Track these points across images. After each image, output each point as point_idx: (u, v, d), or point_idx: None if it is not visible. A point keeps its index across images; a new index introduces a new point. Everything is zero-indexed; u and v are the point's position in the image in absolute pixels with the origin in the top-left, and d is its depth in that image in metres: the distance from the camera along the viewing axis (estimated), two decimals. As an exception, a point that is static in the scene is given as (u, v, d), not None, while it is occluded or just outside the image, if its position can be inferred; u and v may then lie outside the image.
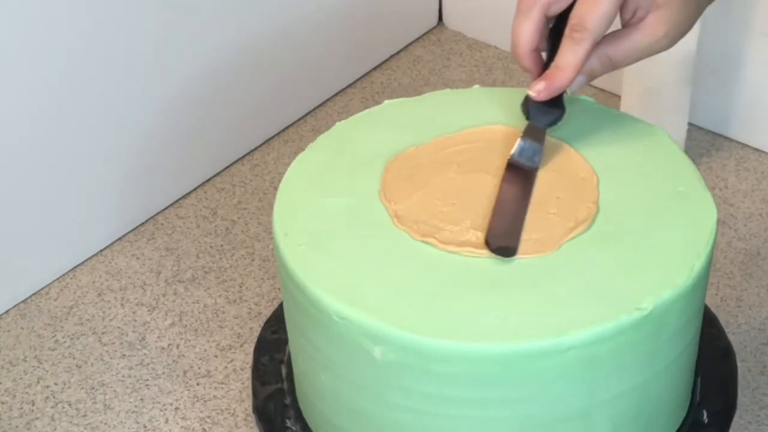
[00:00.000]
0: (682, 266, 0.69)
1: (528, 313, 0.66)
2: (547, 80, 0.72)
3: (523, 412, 0.68)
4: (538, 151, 0.74)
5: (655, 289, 0.67)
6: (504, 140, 0.78)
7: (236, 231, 1.12)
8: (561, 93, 0.73)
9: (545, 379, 0.66)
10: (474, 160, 0.77)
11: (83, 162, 1.05)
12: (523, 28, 0.72)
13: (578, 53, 0.70)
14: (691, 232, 0.71)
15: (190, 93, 1.12)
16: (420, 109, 0.83)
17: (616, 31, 0.72)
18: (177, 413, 0.94)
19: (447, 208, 0.73)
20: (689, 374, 0.76)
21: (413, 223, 0.72)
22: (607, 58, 0.72)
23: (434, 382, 0.67)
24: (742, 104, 1.17)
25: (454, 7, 1.37)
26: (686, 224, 0.72)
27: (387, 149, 0.79)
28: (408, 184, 0.75)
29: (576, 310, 0.66)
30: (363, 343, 0.67)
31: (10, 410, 0.95)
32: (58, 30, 0.98)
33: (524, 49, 0.73)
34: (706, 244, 0.70)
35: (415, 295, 0.68)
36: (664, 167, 0.76)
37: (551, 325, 0.65)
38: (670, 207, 0.73)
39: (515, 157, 0.75)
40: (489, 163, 0.76)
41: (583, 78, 0.72)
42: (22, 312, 1.04)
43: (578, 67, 0.70)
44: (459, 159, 0.77)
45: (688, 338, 0.72)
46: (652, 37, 0.71)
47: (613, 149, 0.77)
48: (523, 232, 0.71)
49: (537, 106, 0.74)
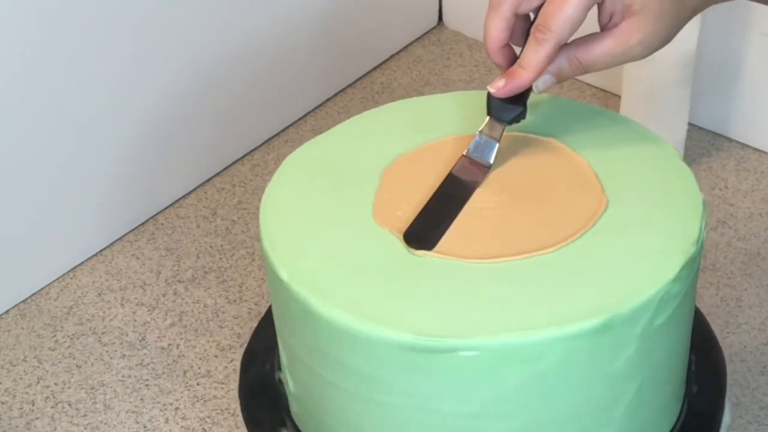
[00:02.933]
0: (669, 262, 0.69)
1: (531, 306, 0.67)
2: (508, 78, 0.71)
3: (523, 409, 0.68)
4: (492, 148, 0.74)
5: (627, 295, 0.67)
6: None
7: (236, 231, 1.12)
8: (525, 91, 0.72)
9: (538, 375, 0.67)
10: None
11: (83, 162, 1.05)
12: (493, 23, 0.72)
13: (540, 53, 0.69)
14: (680, 232, 0.71)
15: (191, 93, 1.12)
16: (412, 113, 0.83)
17: (589, 35, 0.71)
18: (177, 413, 0.94)
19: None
20: (681, 374, 0.77)
21: (396, 223, 0.72)
22: (578, 60, 0.71)
23: (428, 379, 0.67)
24: (742, 104, 1.17)
25: (454, 7, 1.37)
26: (674, 224, 0.72)
27: (380, 152, 0.79)
28: (397, 189, 0.76)
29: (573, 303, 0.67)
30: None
31: (10, 410, 0.95)
32: (58, 30, 0.98)
33: (493, 45, 0.72)
34: (693, 242, 0.70)
35: (408, 295, 0.68)
36: (664, 176, 0.76)
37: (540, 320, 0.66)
38: (660, 210, 0.73)
39: (470, 152, 0.75)
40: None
41: (551, 78, 0.72)
42: (22, 312, 1.04)
43: (540, 66, 0.70)
44: (449, 165, 0.77)
45: (675, 341, 0.72)
46: (624, 44, 0.70)
47: (611, 151, 0.78)
48: (522, 232, 0.71)
49: (499, 103, 0.74)
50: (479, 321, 0.66)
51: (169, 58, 1.08)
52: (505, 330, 0.65)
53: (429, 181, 0.75)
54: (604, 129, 0.80)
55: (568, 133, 0.79)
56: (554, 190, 0.74)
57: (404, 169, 0.77)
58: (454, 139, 0.79)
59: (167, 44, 1.08)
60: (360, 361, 0.67)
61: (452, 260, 0.69)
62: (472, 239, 0.71)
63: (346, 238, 0.72)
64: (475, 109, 0.79)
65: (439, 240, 0.70)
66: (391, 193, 0.75)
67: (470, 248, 0.70)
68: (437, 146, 0.78)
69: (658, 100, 1.11)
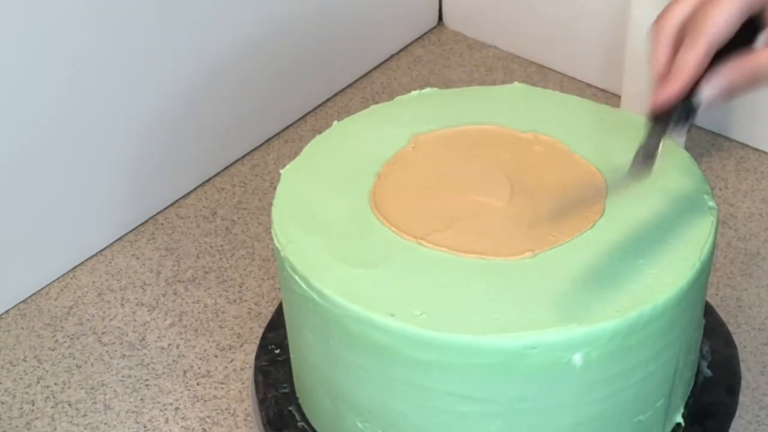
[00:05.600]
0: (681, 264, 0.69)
1: (536, 305, 0.67)
2: (661, 84, 0.67)
3: (535, 409, 0.69)
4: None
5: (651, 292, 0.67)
6: (494, 141, 0.78)
7: (236, 231, 1.12)
8: (688, 101, 0.67)
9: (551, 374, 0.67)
10: (467, 160, 0.77)
11: (83, 162, 1.05)
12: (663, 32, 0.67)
13: (693, 53, 0.65)
14: (690, 235, 0.71)
15: (190, 93, 1.12)
16: (413, 108, 0.84)
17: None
18: (177, 413, 0.94)
19: (438, 210, 0.74)
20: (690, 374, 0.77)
21: (404, 223, 0.73)
22: (742, 65, 0.66)
23: (442, 375, 0.67)
24: (742, 104, 1.17)
25: (454, 7, 1.37)
26: (685, 227, 0.72)
27: (382, 149, 0.79)
28: (401, 185, 0.76)
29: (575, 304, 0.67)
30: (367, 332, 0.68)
31: (10, 410, 0.95)
32: (58, 30, 0.98)
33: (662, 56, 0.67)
34: (704, 244, 0.71)
35: (420, 289, 0.69)
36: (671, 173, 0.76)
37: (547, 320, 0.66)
38: (669, 211, 0.73)
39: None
40: (480, 163, 0.77)
41: (723, 84, 0.66)
42: (22, 312, 1.04)
43: (694, 68, 0.65)
44: (452, 160, 0.77)
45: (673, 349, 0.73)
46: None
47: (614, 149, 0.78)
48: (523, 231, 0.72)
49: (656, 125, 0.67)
50: (497, 318, 0.67)
51: (169, 58, 1.08)
52: (537, 329, 0.66)
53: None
54: (611, 128, 0.80)
55: (570, 131, 0.80)
56: (558, 191, 0.75)
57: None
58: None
59: (167, 44, 1.08)
60: (343, 332, 0.70)
61: (446, 253, 0.71)
62: (472, 234, 0.72)
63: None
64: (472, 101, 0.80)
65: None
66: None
67: (461, 242, 0.71)
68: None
69: (658, 100, 1.11)
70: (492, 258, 0.70)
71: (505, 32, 1.32)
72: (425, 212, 0.74)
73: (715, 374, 0.82)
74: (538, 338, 0.65)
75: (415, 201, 0.75)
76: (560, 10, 1.26)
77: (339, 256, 0.71)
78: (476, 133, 0.80)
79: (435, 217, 0.73)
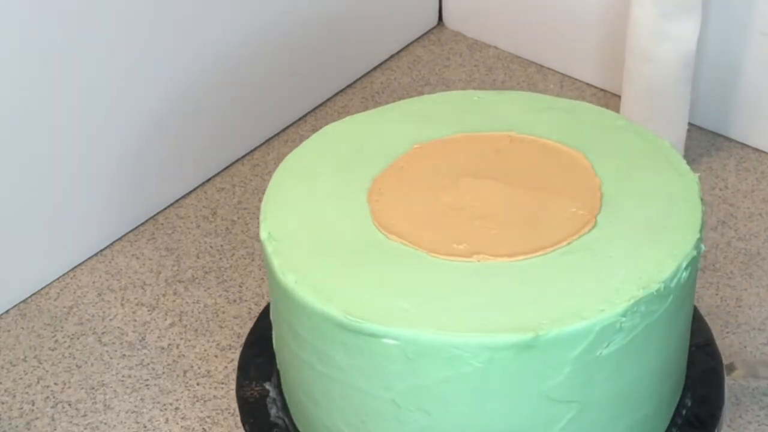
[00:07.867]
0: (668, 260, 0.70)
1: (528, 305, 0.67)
2: None
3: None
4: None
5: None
6: (491, 147, 0.78)
7: (236, 231, 1.12)
8: None
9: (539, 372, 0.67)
10: (465, 166, 0.77)
11: (83, 162, 1.05)
12: None
13: None
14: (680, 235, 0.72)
15: (190, 93, 1.12)
16: (415, 111, 0.84)
17: None
18: (177, 413, 0.94)
19: (435, 215, 0.74)
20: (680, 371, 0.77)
21: (399, 228, 0.73)
22: None
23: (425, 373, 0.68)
24: (742, 104, 1.17)
25: (454, 7, 1.37)
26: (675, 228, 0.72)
27: (379, 150, 0.79)
28: (397, 189, 0.76)
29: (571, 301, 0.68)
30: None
31: (10, 410, 0.95)
32: (58, 30, 0.98)
33: None
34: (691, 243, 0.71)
35: (406, 292, 0.69)
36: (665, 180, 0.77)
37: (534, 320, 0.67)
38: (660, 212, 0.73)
39: None
40: (478, 169, 0.77)
41: None
42: (22, 312, 1.04)
43: None
44: (451, 165, 0.78)
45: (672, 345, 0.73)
46: None
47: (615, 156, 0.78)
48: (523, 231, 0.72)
49: None
50: (410, 313, 0.67)
51: (169, 57, 1.08)
52: (426, 326, 0.66)
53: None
54: (606, 130, 0.80)
55: (569, 134, 0.80)
56: (549, 193, 0.75)
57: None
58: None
59: (167, 44, 1.08)
60: (306, 332, 0.71)
61: (416, 251, 0.71)
62: (454, 235, 0.72)
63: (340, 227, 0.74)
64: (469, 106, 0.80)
65: None
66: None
67: (439, 242, 0.71)
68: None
69: (658, 100, 1.11)
70: (487, 260, 0.70)
71: (505, 32, 1.32)
72: (418, 212, 0.74)
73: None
74: (538, 338, 0.65)
75: (409, 200, 0.75)
76: (560, 10, 1.26)
77: (321, 252, 0.72)
78: (474, 139, 0.80)
79: (425, 215, 0.74)
